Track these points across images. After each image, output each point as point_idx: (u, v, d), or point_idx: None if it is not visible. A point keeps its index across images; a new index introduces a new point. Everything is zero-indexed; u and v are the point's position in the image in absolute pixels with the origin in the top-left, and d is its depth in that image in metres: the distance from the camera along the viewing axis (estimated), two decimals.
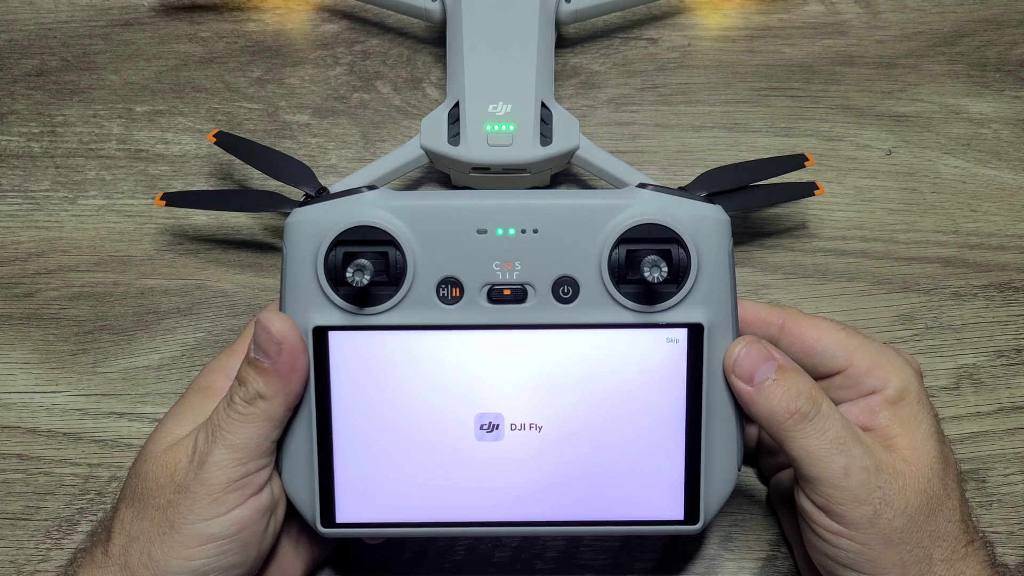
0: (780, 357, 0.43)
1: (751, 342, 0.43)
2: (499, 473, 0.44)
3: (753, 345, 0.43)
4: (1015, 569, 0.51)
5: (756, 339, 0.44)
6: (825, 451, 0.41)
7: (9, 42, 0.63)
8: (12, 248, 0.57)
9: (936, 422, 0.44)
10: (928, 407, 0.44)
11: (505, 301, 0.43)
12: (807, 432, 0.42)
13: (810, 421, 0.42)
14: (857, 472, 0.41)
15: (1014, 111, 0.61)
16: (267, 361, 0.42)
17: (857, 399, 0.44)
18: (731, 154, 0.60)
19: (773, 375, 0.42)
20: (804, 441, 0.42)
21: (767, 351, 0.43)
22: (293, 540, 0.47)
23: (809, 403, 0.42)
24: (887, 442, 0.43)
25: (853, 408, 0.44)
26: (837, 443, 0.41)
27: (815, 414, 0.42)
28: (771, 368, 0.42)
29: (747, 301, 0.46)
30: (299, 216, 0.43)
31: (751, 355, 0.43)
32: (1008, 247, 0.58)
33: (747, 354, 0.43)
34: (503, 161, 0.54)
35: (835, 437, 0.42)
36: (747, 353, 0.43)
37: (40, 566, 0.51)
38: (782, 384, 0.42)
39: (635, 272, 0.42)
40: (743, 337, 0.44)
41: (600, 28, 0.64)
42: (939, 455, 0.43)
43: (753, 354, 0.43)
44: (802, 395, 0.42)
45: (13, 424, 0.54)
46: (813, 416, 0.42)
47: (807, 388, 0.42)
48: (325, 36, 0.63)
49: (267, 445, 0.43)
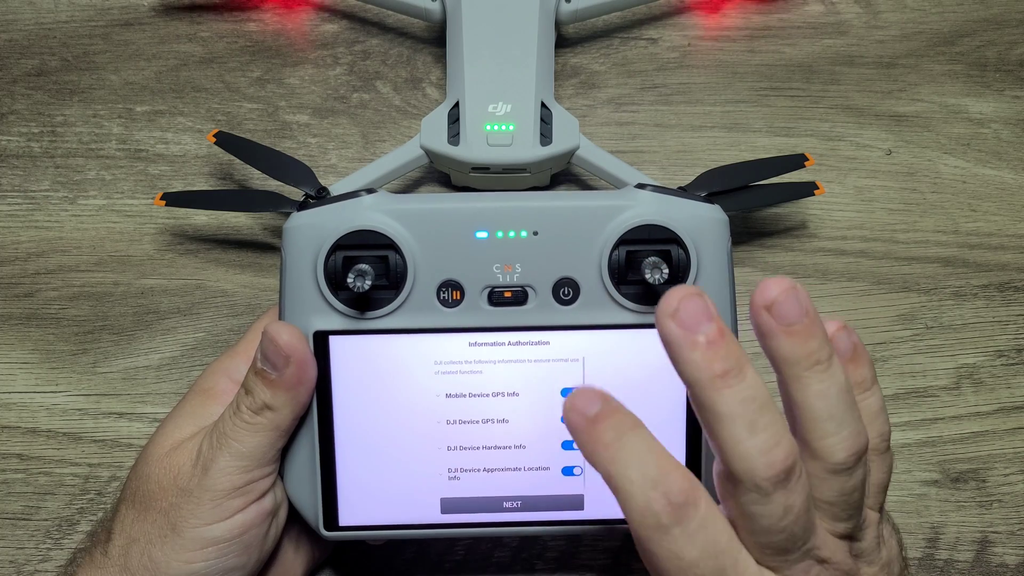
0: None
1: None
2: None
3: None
4: (1015, 569, 0.51)
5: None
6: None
7: (9, 42, 0.63)
8: (12, 248, 0.57)
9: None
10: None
11: (506, 303, 0.43)
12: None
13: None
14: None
15: (1014, 111, 0.61)
16: (275, 373, 0.41)
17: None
18: (731, 154, 0.60)
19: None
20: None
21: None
22: (293, 541, 0.47)
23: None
24: None
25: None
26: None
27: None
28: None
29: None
30: (297, 221, 0.43)
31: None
32: (1008, 247, 0.58)
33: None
34: (503, 161, 0.54)
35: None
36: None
37: (40, 566, 0.51)
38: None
39: (635, 273, 0.42)
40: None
41: (600, 28, 0.64)
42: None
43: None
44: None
45: (13, 424, 0.54)
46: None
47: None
48: (325, 36, 0.63)
49: (272, 453, 0.43)
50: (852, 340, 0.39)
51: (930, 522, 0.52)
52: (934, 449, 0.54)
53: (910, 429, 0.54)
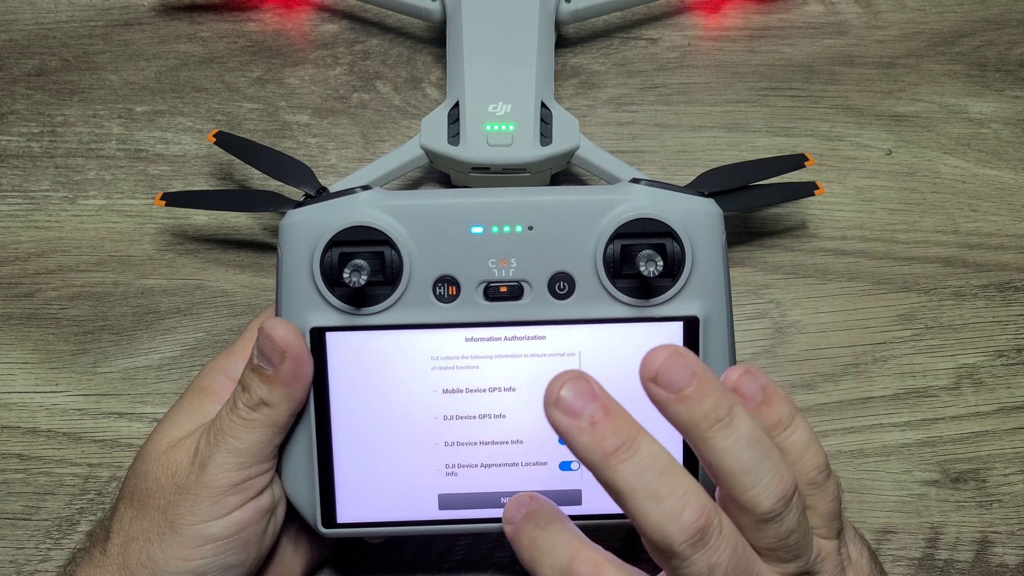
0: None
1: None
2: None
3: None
4: (1015, 569, 0.51)
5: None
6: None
7: (9, 42, 0.63)
8: (12, 248, 0.57)
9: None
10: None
11: (501, 298, 0.43)
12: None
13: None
14: None
15: (1014, 111, 0.61)
16: (271, 369, 0.41)
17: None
18: (731, 154, 0.60)
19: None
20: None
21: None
22: (292, 540, 0.47)
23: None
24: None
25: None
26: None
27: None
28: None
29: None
30: (294, 218, 0.43)
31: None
32: (1008, 247, 0.58)
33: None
34: (503, 161, 0.54)
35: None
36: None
37: (40, 566, 0.51)
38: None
39: (630, 267, 0.42)
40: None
41: (600, 28, 0.64)
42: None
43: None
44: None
45: (13, 424, 0.54)
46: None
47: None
48: (325, 36, 0.63)
49: (269, 450, 0.43)
50: (760, 382, 0.38)
51: (930, 522, 0.52)
52: (934, 449, 0.53)
53: (910, 429, 0.54)
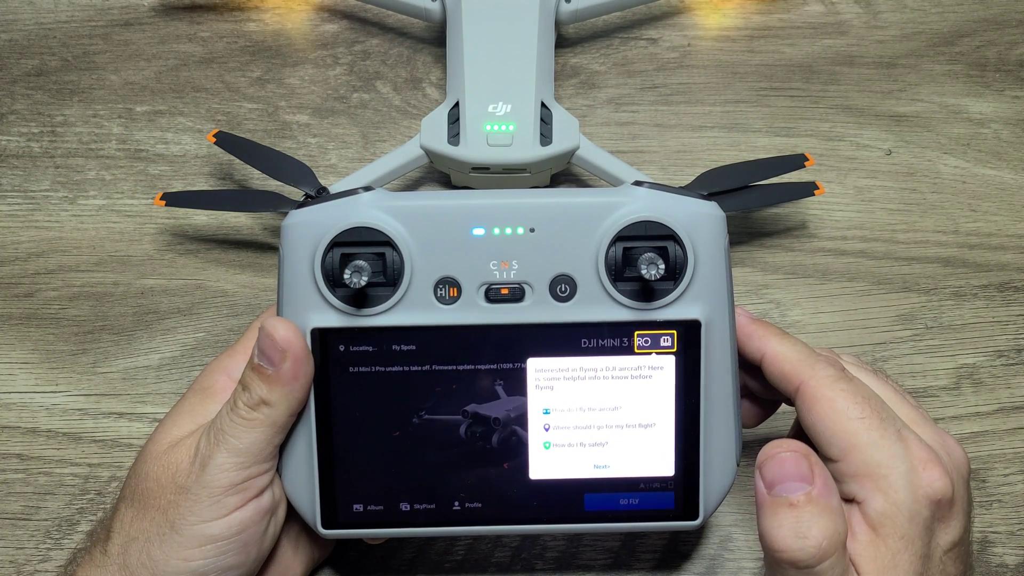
0: (819, 481, 0.38)
1: (797, 451, 0.39)
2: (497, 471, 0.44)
3: (796, 456, 0.39)
4: (1015, 569, 0.51)
5: (804, 451, 0.39)
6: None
7: (9, 42, 0.63)
8: (12, 248, 0.57)
9: (923, 564, 0.38)
10: (915, 545, 0.38)
11: (503, 300, 0.43)
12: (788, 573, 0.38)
13: (799, 570, 0.38)
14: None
15: (1014, 111, 0.61)
16: (271, 368, 0.41)
17: (844, 501, 0.40)
18: (731, 154, 0.60)
19: (800, 497, 0.38)
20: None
21: (808, 469, 0.38)
22: (292, 540, 0.47)
23: (814, 553, 0.37)
24: (857, 571, 0.39)
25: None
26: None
27: (808, 563, 0.37)
28: (800, 490, 0.38)
29: (785, 341, 0.43)
30: (295, 218, 0.43)
31: (786, 465, 0.39)
32: (1008, 247, 0.58)
33: (781, 462, 0.39)
34: (503, 161, 0.54)
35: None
36: (782, 461, 0.39)
37: (40, 566, 0.51)
38: (800, 515, 0.38)
39: (632, 269, 0.42)
40: (790, 443, 0.39)
41: (600, 28, 0.64)
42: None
43: (789, 464, 0.39)
44: (810, 542, 0.37)
45: (13, 424, 0.54)
46: (804, 566, 0.37)
47: (822, 533, 0.37)
48: (325, 36, 0.63)
49: (270, 450, 0.43)
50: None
51: None
52: None
53: None
